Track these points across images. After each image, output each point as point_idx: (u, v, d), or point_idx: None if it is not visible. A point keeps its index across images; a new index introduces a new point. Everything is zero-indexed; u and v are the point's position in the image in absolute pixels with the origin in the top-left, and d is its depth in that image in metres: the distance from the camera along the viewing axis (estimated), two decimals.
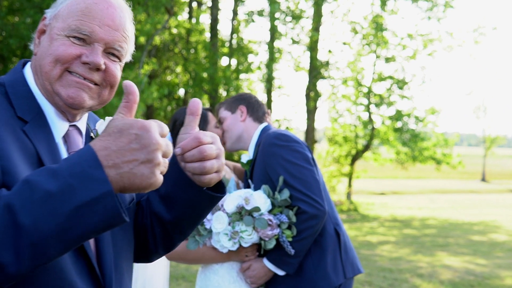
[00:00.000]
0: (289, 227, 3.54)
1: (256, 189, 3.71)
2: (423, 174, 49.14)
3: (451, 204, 27.09)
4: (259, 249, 3.68)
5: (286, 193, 3.51)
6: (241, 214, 3.50)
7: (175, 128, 4.30)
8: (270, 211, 3.54)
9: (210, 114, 4.39)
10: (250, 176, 3.91)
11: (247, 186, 3.95)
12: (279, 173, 3.58)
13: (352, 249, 3.83)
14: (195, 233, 3.58)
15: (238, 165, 4.36)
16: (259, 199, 3.51)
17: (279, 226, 3.51)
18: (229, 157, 22.31)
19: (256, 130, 3.98)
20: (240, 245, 3.55)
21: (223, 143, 4.02)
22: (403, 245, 13.98)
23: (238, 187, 4.11)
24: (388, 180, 44.48)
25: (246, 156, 3.99)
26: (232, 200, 3.52)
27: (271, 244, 3.52)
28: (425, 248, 13.41)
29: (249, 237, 3.48)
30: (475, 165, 57.90)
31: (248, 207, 3.47)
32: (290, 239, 3.51)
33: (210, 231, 3.54)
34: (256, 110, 4.04)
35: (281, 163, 3.60)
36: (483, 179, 50.01)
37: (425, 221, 19.72)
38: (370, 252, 12.67)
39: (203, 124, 4.25)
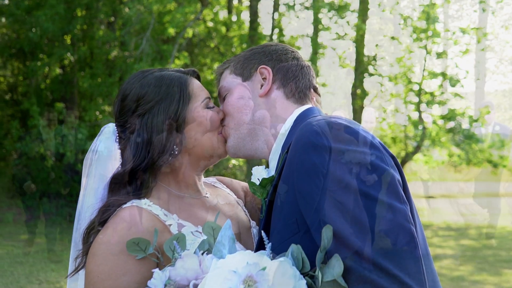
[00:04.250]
0: None
1: (277, 249, 1.67)
2: (471, 175, 47.47)
3: (507, 210, 25.49)
4: None
5: (337, 266, 1.51)
6: None
7: (125, 110, 2.17)
8: None
9: (195, 83, 2.20)
10: (266, 214, 1.87)
11: (260, 238, 1.87)
12: (325, 216, 1.61)
13: None
14: None
15: None
16: (281, 278, 1.49)
17: None
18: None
19: (289, 117, 1.99)
20: None
21: (223, 140, 2.15)
22: (463, 260, 12.51)
23: (242, 238, 2.15)
24: (435, 182, 42.87)
25: (263, 170, 2.03)
26: (218, 279, 1.50)
27: None
28: (488, 265, 11.93)
29: None
30: None
31: None
32: None
33: None
34: (293, 76, 2.06)
35: (330, 192, 1.62)
36: None
37: (482, 229, 18.31)
38: None
39: (179, 102, 2.09)
